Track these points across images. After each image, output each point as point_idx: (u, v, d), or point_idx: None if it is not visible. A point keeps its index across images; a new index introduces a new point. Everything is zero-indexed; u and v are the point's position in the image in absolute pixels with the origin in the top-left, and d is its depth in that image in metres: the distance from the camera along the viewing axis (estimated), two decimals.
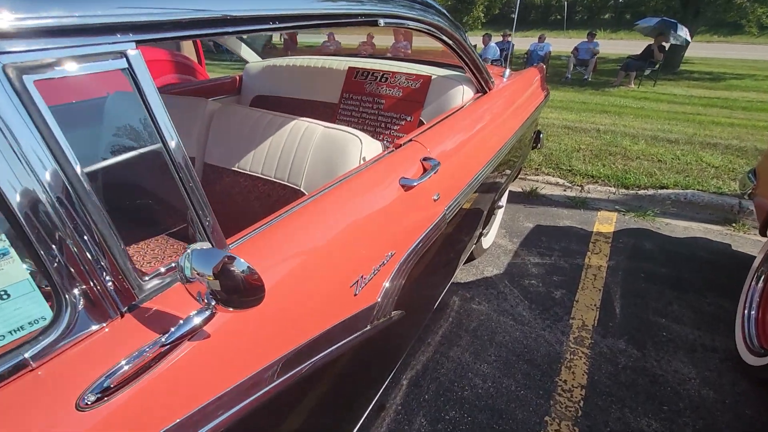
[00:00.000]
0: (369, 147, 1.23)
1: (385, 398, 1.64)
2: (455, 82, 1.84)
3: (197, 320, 0.58)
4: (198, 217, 0.69)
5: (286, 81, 2.28)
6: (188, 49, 3.93)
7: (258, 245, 0.78)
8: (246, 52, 2.47)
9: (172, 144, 0.65)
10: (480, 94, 1.88)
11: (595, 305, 2.17)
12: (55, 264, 0.52)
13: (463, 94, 1.82)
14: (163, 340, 0.56)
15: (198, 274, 0.54)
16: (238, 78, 2.51)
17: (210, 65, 10.20)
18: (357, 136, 1.23)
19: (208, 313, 0.58)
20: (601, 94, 8.12)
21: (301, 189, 1.29)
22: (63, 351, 0.53)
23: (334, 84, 2.13)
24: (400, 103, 1.94)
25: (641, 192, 3.33)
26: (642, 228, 2.90)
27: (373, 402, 1.22)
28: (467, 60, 1.65)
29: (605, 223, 2.96)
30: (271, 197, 1.35)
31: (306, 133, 1.31)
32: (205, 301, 0.56)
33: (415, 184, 1.10)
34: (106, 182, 0.62)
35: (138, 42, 0.60)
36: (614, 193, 3.36)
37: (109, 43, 0.57)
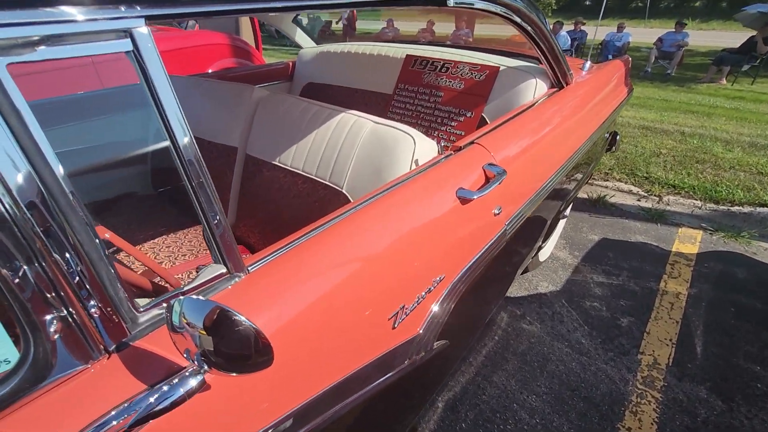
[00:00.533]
0: (423, 149, 1.07)
1: (417, 420, 1.51)
2: (527, 74, 1.61)
3: (193, 383, 0.46)
4: (211, 231, 0.57)
5: (339, 68, 2.16)
6: (247, 33, 3.94)
7: (284, 266, 0.66)
8: (301, 37, 2.38)
9: (184, 142, 0.53)
10: (555, 90, 1.64)
11: (670, 340, 1.87)
12: (24, 290, 0.42)
13: (536, 88, 1.59)
14: (152, 400, 0.45)
15: (188, 324, 0.42)
16: (291, 64, 2.43)
17: (269, 50, 10.41)
18: (410, 135, 1.07)
19: (200, 378, 0.46)
20: (686, 91, 7.25)
21: (343, 191, 1.16)
22: (32, 400, 0.43)
23: (390, 73, 1.97)
24: (461, 97, 1.75)
25: (735, 209, 2.87)
26: (734, 252, 2.48)
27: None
28: (545, 49, 1.43)
29: (687, 242, 2.58)
30: (311, 197, 1.23)
31: (353, 127, 1.18)
32: (195, 363, 0.44)
33: (474, 197, 0.93)
34: (102, 183, 0.52)
35: (149, 18, 0.49)
36: (700, 208, 2.92)
37: (109, 18, 0.46)
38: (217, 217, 0.58)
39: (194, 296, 0.43)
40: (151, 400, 0.44)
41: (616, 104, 2.16)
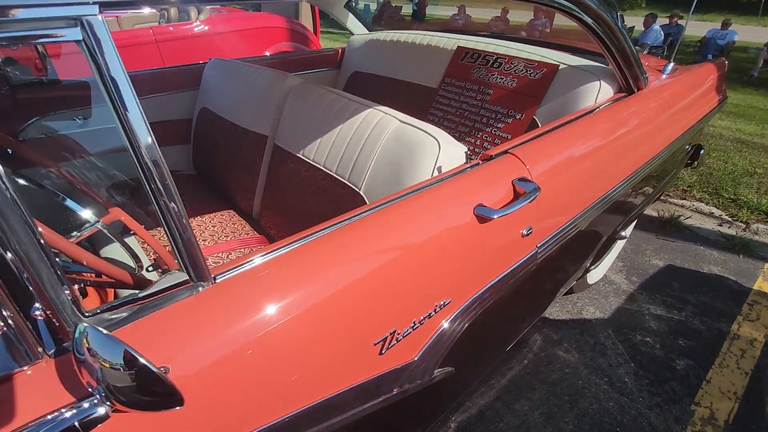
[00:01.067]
0: (448, 155, 0.96)
1: None
2: (590, 75, 1.42)
3: (100, 412, 0.42)
4: (173, 236, 0.53)
5: (387, 58, 2.07)
6: (306, 18, 3.96)
7: (255, 278, 0.61)
8: (353, 23, 2.32)
9: (144, 141, 0.49)
10: (624, 95, 1.43)
11: (734, 393, 1.60)
12: None
13: (599, 92, 1.40)
14: (66, 415, 0.42)
15: (92, 355, 0.37)
16: (340, 51, 2.38)
17: (335, 35, 10.48)
18: (436, 139, 0.97)
19: (102, 411, 0.41)
20: None
21: (361, 192, 1.08)
22: None
23: (438, 65, 1.85)
24: (512, 96, 1.59)
25: None
26: None
27: None
28: (612, 47, 1.24)
29: None
30: (328, 195, 1.18)
31: (378, 125, 1.09)
32: (97, 397, 0.39)
33: (495, 216, 0.81)
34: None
35: (103, 5, 0.44)
36: None
37: (59, 5, 0.42)
38: (182, 221, 0.53)
39: (100, 330, 0.38)
40: (58, 420, 0.40)
41: (701, 115, 1.87)
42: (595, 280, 2.08)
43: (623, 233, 1.92)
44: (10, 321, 0.43)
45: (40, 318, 0.44)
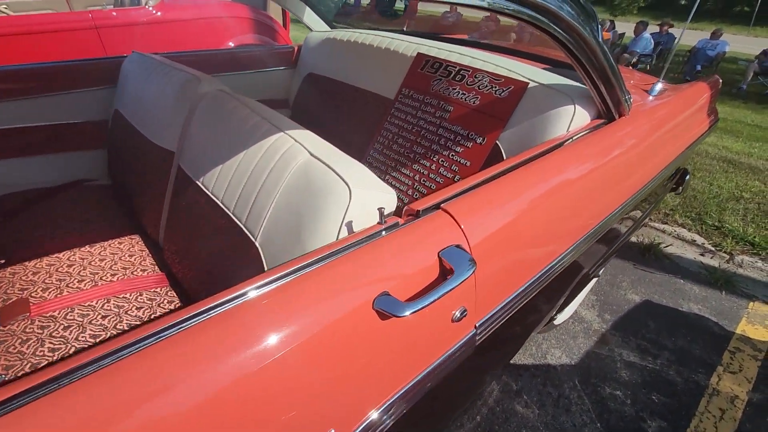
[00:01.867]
0: (362, 208, 0.72)
1: None
2: (564, 97, 1.19)
3: None
4: None
5: (344, 60, 1.82)
6: (275, 10, 3.66)
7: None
8: (311, 18, 2.05)
9: None
10: (603, 121, 1.21)
11: None
12: None
13: (573, 117, 1.17)
14: None
15: None
16: (296, 49, 2.11)
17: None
18: (346, 184, 0.73)
19: None
20: None
21: (257, 244, 0.84)
22: None
23: (396, 73, 1.60)
24: (474, 116, 1.35)
25: None
26: None
27: None
28: (590, 69, 1.01)
29: (758, 323, 2.02)
30: (225, 239, 0.93)
31: (285, 156, 0.85)
32: None
33: (402, 314, 0.57)
34: None
35: None
36: None
37: None
38: None
39: None
40: None
41: (690, 141, 1.66)
42: (563, 320, 1.88)
43: (599, 271, 1.72)
44: None
45: None
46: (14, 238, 1.22)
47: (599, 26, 1.00)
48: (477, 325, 0.77)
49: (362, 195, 0.73)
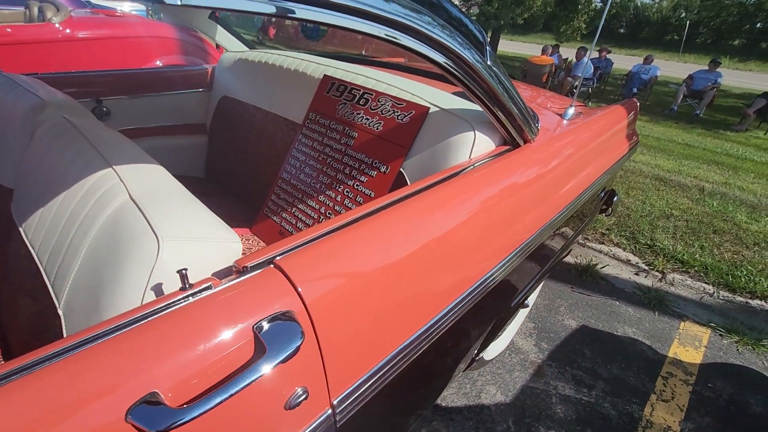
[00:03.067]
0: (175, 267, 0.57)
1: None
2: (463, 123, 1.10)
3: None
4: None
5: (254, 83, 1.69)
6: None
7: None
8: (224, 37, 1.91)
9: None
10: (507, 148, 1.13)
11: None
12: None
13: (474, 144, 1.08)
14: None
15: None
16: (210, 70, 1.97)
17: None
18: (156, 236, 0.58)
19: None
20: (713, 136, 6.61)
21: (59, 311, 0.66)
22: None
23: (304, 96, 1.49)
24: (377, 143, 1.25)
25: (755, 303, 2.28)
26: (749, 367, 1.91)
27: None
28: (484, 99, 0.93)
29: (689, 344, 2.01)
30: (33, 303, 0.74)
31: (101, 199, 0.69)
32: None
33: (162, 428, 0.42)
34: None
35: None
36: (711, 295, 2.35)
37: None
38: None
39: None
40: None
41: (608, 164, 1.63)
42: (496, 353, 1.78)
43: (526, 302, 1.63)
44: None
45: None
46: None
47: (489, 52, 0.93)
48: (335, 403, 0.63)
49: (179, 248, 0.59)
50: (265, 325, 0.52)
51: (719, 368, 1.88)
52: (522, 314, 1.89)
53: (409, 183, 1.18)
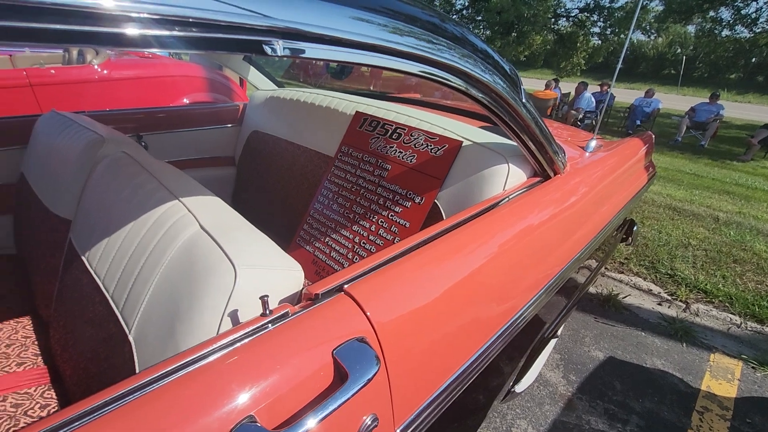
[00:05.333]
0: (250, 294, 0.60)
1: None
2: (497, 156, 1.15)
3: None
4: None
5: (287, 119, 1.77)
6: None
7: None
8: (255, 76, 2.03)
9: None
10: (539, 179, 1.17)
11: None
12: None
13: (508, 176, 1.13)
14: None
15: None
16: (241, 107, 2.07)
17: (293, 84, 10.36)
18: (232, 264, 0.61)
19: None
20: (721, 166, 6.67)
21: (130, 338, 0.69)
22: None
23: (337, 131, 1.56)
24: (411, 175, 1.29)
25: None
26: None
27: None
28: (518, 131, 0.98)
29: (722, 377, 1.96)
30: (101, 329, 0.77)
31: (171, 229, 0.72)
32: None
33: None
34: None
35: None
36: (739, 326, 2.31)
37: None
38: None
39: None
40: None
41: (631, 194, 1.67)
42: (526, 386, 1.74)
43: (557, 332, 1.62)
44: None
45: None
46: None
47: (523, 90, 0.99)
48: (398, 430, 0.64)
49: (253, 277, 0.62)
50: (344, 351, 0.54)
51: (756, 403, 1.82)
52: (551, 345, 1.86)
53: (443, 213, 1.22)
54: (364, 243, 1.35)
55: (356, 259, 1.36)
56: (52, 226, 1.09)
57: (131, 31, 0.36)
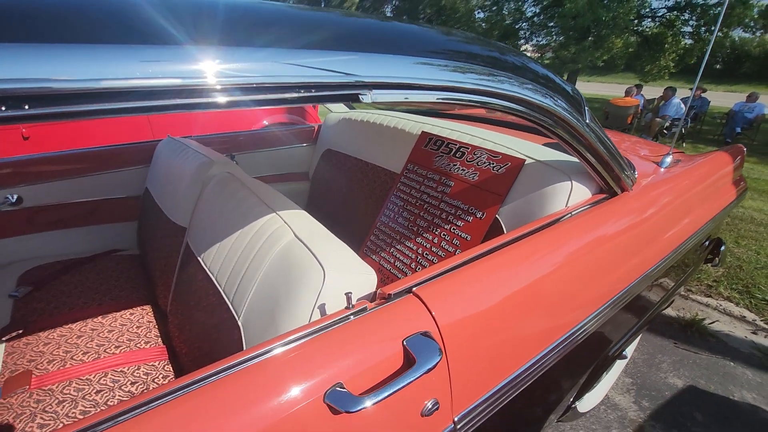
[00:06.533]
0: (334, 292, 0.73)
1: None
2: (560, 174, 1.19)
3: None
4: None
5: (357, 138, 1.94)
6: None
7: None
8: None
9: None
10: (604, 196, 1.19)
11: None
12: None
13: (571, 193, 1.16)
14: None
15: None
16: (316, 128, 2.29)
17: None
18: (321, 266, 0.75)
19: None
20: None
21: (239, 323, 0.86)
22: None
23: (403, 150, 1.69)
24: (473, 191, 1.37)
25: None
26: None
27: None
28: (582, 150, 1.02)
29: None
30: (213, 316, 0.95)
31: (272, 236, 0.89)
32: None
33: (350, 410, 0.55)
34: None
35: None
36: None
37: None
38: None
39: None
40: None
41: (712, 214, 1.58)
42: (590, 407, 1.70)
43: (623, 353, 1.57)
44: None
45: None
46: (37, 308, 1.31)
47: (587, 111, 1.04)
48: (456, 419, 0.72)
49: (337, 278, 0.75)
50: (412, 341, 0.64)
51: None
52: (618, 366, 1.79)
53: (504, 228, 1.28)
54: (426, 254, 1.44)
55: (419, 268, 1.46)
56: (172, 231, 1.34)
57: (276, 96, 0.52)
